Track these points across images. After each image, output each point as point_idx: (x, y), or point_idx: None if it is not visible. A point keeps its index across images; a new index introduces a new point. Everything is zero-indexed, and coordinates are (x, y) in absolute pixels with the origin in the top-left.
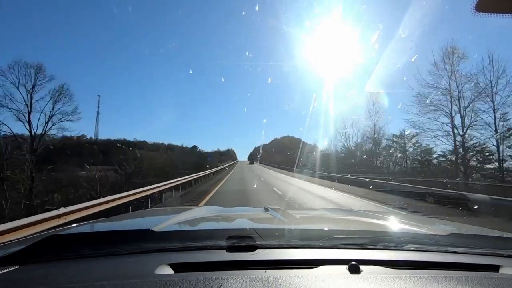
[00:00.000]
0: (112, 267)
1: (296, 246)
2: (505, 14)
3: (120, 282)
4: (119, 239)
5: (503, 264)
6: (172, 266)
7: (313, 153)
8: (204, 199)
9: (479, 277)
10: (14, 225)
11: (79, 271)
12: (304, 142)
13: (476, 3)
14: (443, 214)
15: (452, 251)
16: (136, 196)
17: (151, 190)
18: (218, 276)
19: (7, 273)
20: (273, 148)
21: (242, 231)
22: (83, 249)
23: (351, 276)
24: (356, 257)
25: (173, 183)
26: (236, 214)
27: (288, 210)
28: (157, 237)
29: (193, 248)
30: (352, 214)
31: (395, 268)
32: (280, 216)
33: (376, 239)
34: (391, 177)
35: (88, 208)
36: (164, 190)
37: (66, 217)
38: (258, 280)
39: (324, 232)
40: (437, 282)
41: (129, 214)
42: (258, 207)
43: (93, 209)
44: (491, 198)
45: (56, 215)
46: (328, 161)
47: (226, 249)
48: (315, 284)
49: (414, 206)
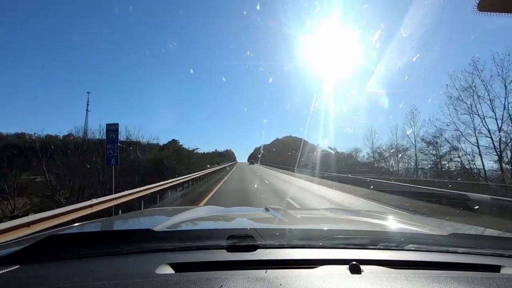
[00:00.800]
0: (112, 267)
1: (297, 246)
2: (507, 13)
3: (120, 282)
4: (119, 239)
5: (504, 264)
6: (172, 266)
7: (314, 153)
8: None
9: (480, 277)
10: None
11: (80, 271)
12: (305, 142)
13: (478, 3)
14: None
15: (453, 251)
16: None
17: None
18: (218, 276)
19: (7, 272)
20: (274, 148)
21: (243, 230)
22: (84, 249)
23: (352, 276)
24: (356, 257)
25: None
26: (237, 214)
27: (289, 210)
28: (157, 237)
29: (193, 248)
30: (353, 214)
31: (396, 268)
32: (280, 216)
33: (377, 239)
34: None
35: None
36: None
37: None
38: (259, 280)
39: (325, 232)
40: (438, 282)
41: (129, 214)
42: (258, 207)
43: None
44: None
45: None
46: (328, 161)
47: (226, 249)
48: (316, 284)
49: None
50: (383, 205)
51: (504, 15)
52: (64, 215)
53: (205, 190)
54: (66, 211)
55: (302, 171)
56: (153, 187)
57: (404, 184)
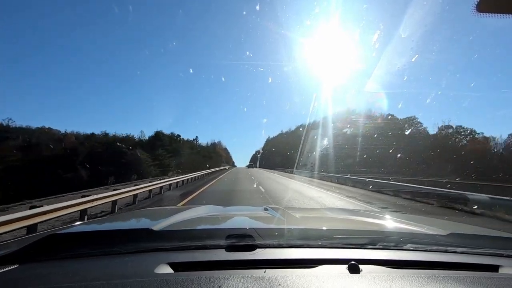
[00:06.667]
0: (111, 267)
1: (296, 245)
2: (506, 14)
3: (119, 282)
4: (118, 238)
5: (503, 264)
6: (171, 265)
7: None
8: None
9: (479, 277)
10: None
11: (79, 270)
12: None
13: (477, 3)
14: None
15: (452, 250)
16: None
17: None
18: (217, 275)
19: (6, 272)
20: (273, 147)
21: (242, 230)
22: (83, 248)
23: (351, 276)
24: (355, 257)
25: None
26: (236, 213)
27: (288, 209)
28: (156, 237)
29: (192, 247)
30: (352, 214)
31: (395, 267)
32: (279, 215)
33: (376, 239)
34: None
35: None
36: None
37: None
38: (258, 279)
39: (324, 231)
40: (436, 281)
41: (128, 213)
42: (257, 206)
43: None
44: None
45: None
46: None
47: (225, 249)
48: (315, 284)
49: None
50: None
51: (503, 15)
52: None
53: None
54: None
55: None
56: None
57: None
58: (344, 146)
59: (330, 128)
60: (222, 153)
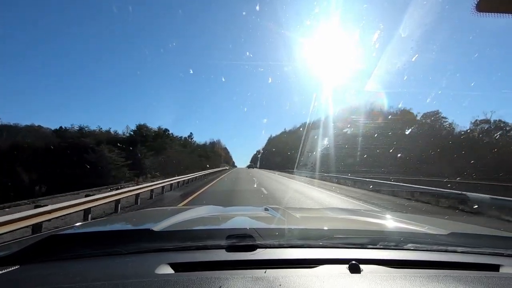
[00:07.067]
0: (112, 267)
1: (296, 245)
2: (505, 14)
3: (120, 282)
4: (119, 239)
5: (503, 264)
6: (172, 265)
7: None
8: None
9: (479, 277)
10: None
11: (79, 271)
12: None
13: (476, 3)
14: None
15: (452, 250)
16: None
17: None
18: (218, 275)
19: (7, 273)
20: (273, 148)
21: (242, 230)
22: (83, 249)
23: (351, 276)
24: (356, 257)
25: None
26: (236, 213)
27: (288, 209)
28: (157, 237)
29: (193, 247)
30: (352, 214)
31: (395, 267)
32: (280, 215)
33: (376, 239)
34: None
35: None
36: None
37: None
38: (258, 280)
39: (324, 231)
40: (437, 281)
41: (129, 214)
42: (258, 206)
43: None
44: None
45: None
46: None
47: (226, 249)
48: (315, 284)
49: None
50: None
51: (503, 15)
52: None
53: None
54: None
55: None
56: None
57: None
58: (345, 146)
59: (331, 128)
60: (221, 153)
